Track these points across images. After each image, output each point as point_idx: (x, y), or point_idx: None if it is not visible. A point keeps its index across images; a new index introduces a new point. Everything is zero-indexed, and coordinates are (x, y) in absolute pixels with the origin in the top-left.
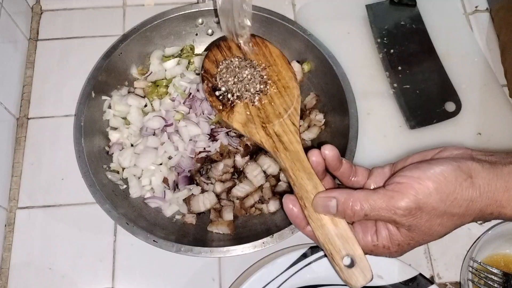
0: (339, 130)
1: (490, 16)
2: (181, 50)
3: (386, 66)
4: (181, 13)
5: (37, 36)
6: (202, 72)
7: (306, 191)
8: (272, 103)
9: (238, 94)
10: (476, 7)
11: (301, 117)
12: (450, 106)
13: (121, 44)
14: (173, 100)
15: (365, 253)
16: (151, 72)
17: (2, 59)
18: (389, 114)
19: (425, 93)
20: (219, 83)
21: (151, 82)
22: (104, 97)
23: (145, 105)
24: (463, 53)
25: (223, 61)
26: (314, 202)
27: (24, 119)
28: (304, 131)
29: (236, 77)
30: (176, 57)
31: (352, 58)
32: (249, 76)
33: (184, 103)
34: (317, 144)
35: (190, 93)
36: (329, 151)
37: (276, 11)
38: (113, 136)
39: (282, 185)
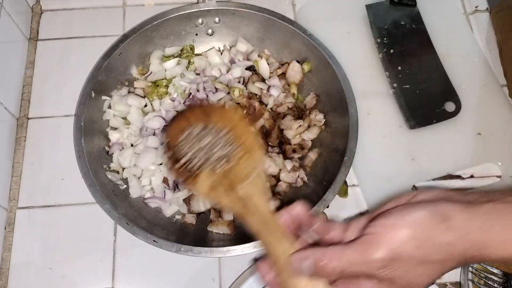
0: (339, 130)
1: (490, 16)
2: (181, 50)
3: (386, 66)
4: (181, 13)
5: (37, 36)
6: (166, 141)
7: (277, 256)
8: (238, 166)
9: (200, 162)
10: (476, 7)
11: (301, 117)
12: (450, 106)
13: (121, 44)
14: (173, 100)
15: None
16: (151, 72)
17: (2, 59)
18: (389, 114)
19: (425, 93)
20: (180, 153)
21: (151, 82)
22: (104, 97)
23: (145, 105)
24: (463, 53)
25: (186, 130)
26: (287, 264)
27: (24, 119)
28: (304, 131)
29: (198, 144)
30: (176, 57)
31: (352, 58)
32: (211, 143)
33: (184, 103)
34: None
35: (190, 93)
36: (297, 209)
37: (276, 11)
38: (113, 136)
39: (282, 185)
